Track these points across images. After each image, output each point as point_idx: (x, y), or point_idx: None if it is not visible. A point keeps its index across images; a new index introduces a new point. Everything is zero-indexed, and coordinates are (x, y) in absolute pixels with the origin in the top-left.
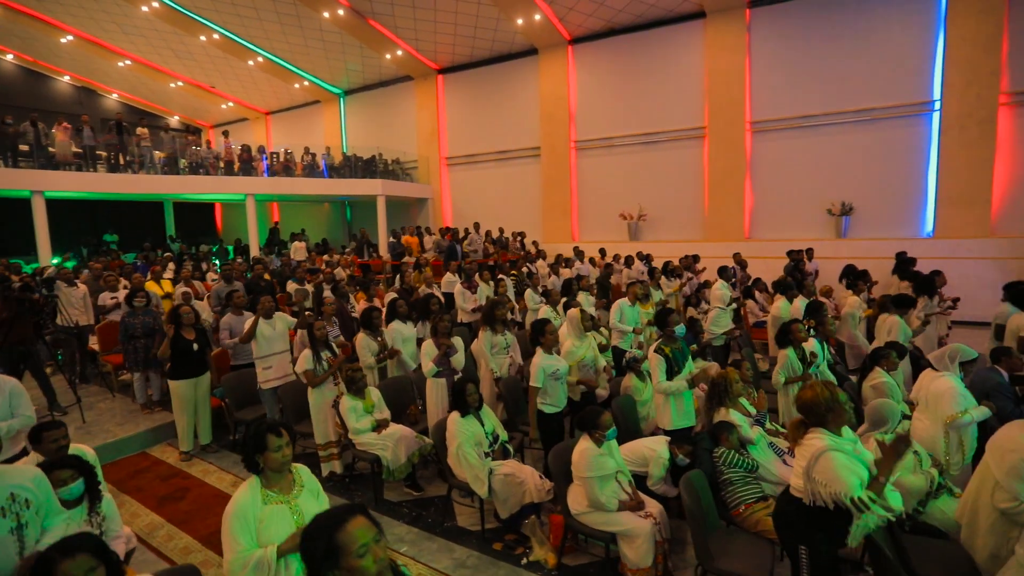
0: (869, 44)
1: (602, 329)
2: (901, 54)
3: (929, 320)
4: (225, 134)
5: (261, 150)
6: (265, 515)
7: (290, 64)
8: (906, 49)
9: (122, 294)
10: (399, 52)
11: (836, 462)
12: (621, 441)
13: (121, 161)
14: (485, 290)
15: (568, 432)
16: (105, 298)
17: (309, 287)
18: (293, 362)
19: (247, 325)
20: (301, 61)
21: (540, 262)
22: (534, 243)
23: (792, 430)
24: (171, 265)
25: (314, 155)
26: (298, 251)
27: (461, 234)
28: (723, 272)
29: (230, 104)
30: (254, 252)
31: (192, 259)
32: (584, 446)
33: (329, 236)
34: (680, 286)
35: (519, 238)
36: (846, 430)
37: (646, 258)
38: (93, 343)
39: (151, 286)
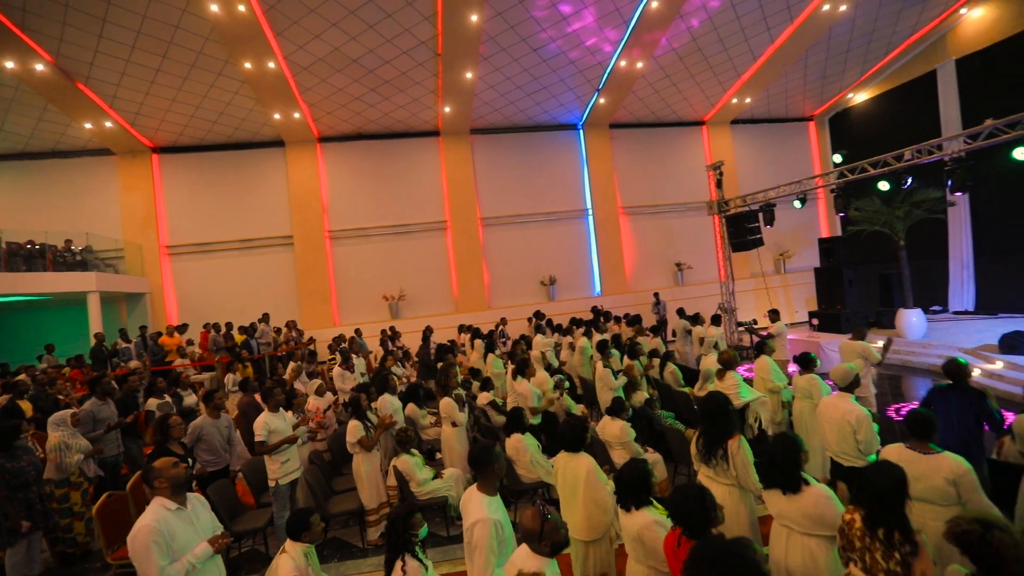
0: (551, 166)
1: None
2: (567, 177)
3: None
4: None
5: None
6: None
7: None
8: (569, 175)
9: None
10: (108, 124)
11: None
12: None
13: None
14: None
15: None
16: None
17: (168, 398)
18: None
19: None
20: None
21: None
22: (299, 330)
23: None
24: None
25: None
26: None
27: (213, 330)
28: (539, 329)
29: None
30: None
31: None
32: (622, 423)
33: None
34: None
35: (292, 327)
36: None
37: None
38: None
39: None
